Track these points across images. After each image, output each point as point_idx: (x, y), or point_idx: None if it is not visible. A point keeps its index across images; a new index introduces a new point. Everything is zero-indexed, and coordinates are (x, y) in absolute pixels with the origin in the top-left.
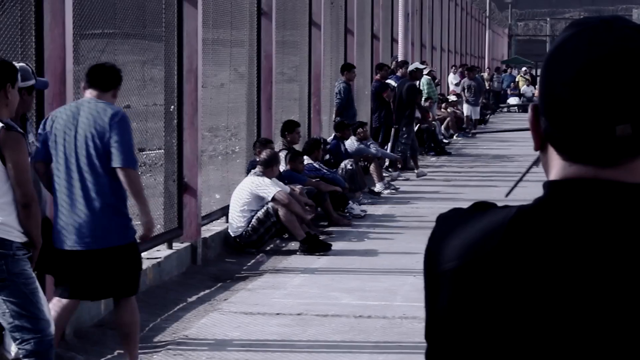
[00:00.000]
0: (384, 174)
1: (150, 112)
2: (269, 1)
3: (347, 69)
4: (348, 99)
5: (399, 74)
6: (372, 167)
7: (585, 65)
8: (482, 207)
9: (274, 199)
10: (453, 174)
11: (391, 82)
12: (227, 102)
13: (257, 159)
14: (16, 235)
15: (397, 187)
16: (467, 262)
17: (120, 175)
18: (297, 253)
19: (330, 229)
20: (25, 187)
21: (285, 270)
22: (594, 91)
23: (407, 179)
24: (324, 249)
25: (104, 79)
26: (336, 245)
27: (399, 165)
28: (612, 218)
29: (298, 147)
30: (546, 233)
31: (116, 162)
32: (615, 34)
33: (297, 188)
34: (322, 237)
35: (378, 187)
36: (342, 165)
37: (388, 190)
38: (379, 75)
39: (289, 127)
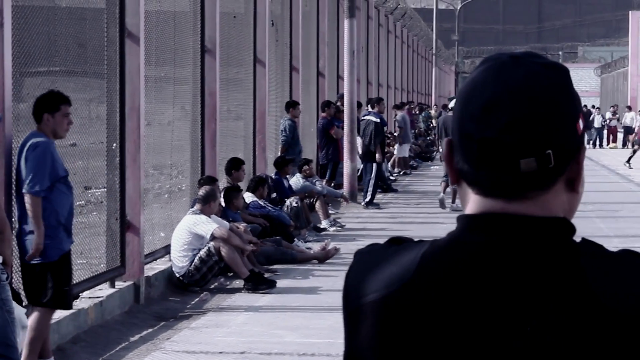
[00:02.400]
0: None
1: (97, 150)
2: (212, 38)
3: (292, 106)
4: (294, 136)
5: (375, 110)
6: (317, 204)
7: (490, 100)
8: (398, 242)
9: (213, 237)
10: (399, 211)
11: (371, 118)
12: (173, 139)
13: None
14: None
15: (343, 224)
16: (382, 296)
17: (25, 199)
18: (242, 291)
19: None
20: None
21: (229, 309)
22: (498, 126)
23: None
24: (268, 286)
25: (33, 113)
26: (281, 283)
27: (345, 203)
28: (517, 252)
29: (243, 184)
30: (455, 267)
31: (24, 188)
32: (522, 70)
33: (242, 226)
34: (266, 275)
35: (324, 224)
36: (288, 202)
37: (334, 227)
38: (325, 112)
39: (235, 165)
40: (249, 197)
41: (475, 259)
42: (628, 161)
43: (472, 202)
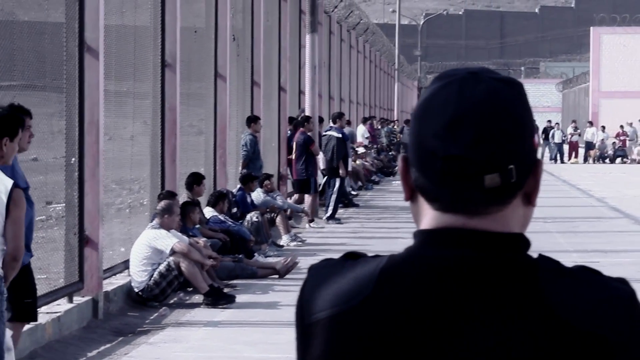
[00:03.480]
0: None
1: (59, 164)
2: (172, 53)
3: (253, 120)
4: (254, 151)
5: (337, 125)
6: (278, 219)
7: (455, 117)
8: (353, 257)
9: (173, 252)
10: (360, 226)
11: (333, 133)
12: (135, 154)
13: None
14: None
15: (304, 239)
16: (339, 312)
17: None
18: (201, 306)
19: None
20: (20, 241)
21: (188, 324)
22: (464, 142)
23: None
24: (227, 301)
25: None
26: (240, 298)
27: (306, 217)
28: (477, 267)
29: (203, 199)
30: (415, 281)
31: None
32: (483, 86)
33: (202, 240)
34: (226, 290)
35: (284, 239)
36: (248, 217)
37: (294, 242)
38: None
39: (196, 180)
40: (209, 211)
41: (435, 273)
42: None
43: (431, 218)
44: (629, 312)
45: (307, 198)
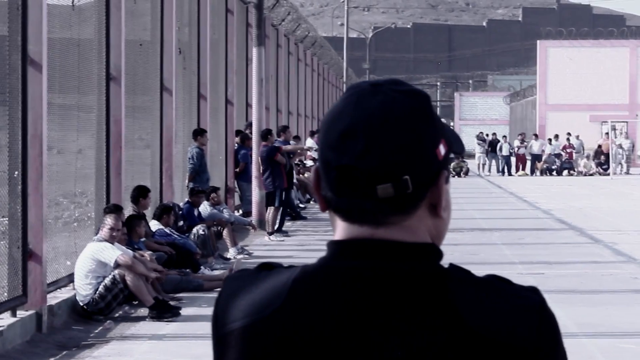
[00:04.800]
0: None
1: (3, 178)
2: (117, 66)
3: (200, 133)
4: (201, 164)
5: (282, 138)
6: (225, 232)
7: (347, 128)
8: (268, 267)
9: (117, 265)
10: (307, 238)
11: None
12: (81, 168)
13: None
14: None
15: (251, 252)
16: (252, 322)
17: None
18: (146, 319)
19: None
20: None
21: (133, 337)
22: (354, 153)
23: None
24: (172, 314)
25: None
26: (186, 311)
27: (253, 230)
28: (385, 277)
29: (149, 212)
30: (325, 292)
31: None
32: (380, 97)
33: (147, 254)
34: (172, 303)
35: (231, 252)
36: (195, 230)
37: (241, 255)
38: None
39: (142, 193)
40: (154, 225)
41: (345, 284)
42: None
43: (341, 229)
44: (538, 321)
45: (254, 210)
